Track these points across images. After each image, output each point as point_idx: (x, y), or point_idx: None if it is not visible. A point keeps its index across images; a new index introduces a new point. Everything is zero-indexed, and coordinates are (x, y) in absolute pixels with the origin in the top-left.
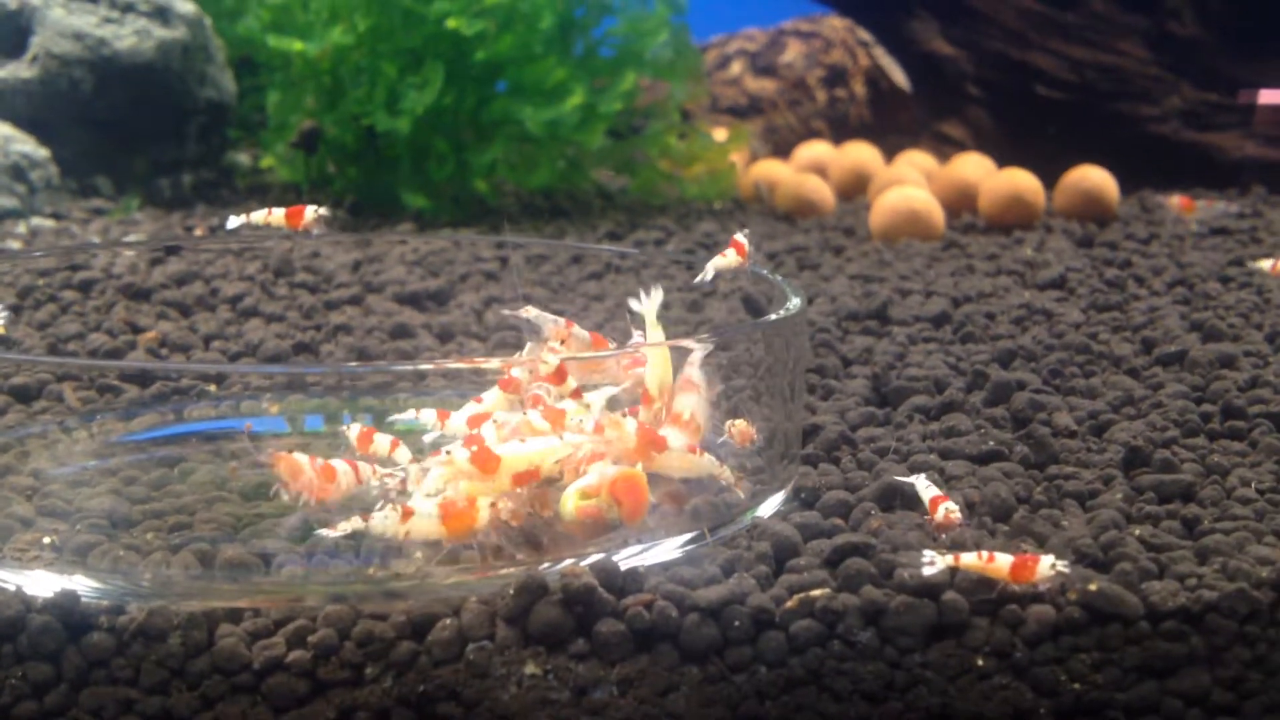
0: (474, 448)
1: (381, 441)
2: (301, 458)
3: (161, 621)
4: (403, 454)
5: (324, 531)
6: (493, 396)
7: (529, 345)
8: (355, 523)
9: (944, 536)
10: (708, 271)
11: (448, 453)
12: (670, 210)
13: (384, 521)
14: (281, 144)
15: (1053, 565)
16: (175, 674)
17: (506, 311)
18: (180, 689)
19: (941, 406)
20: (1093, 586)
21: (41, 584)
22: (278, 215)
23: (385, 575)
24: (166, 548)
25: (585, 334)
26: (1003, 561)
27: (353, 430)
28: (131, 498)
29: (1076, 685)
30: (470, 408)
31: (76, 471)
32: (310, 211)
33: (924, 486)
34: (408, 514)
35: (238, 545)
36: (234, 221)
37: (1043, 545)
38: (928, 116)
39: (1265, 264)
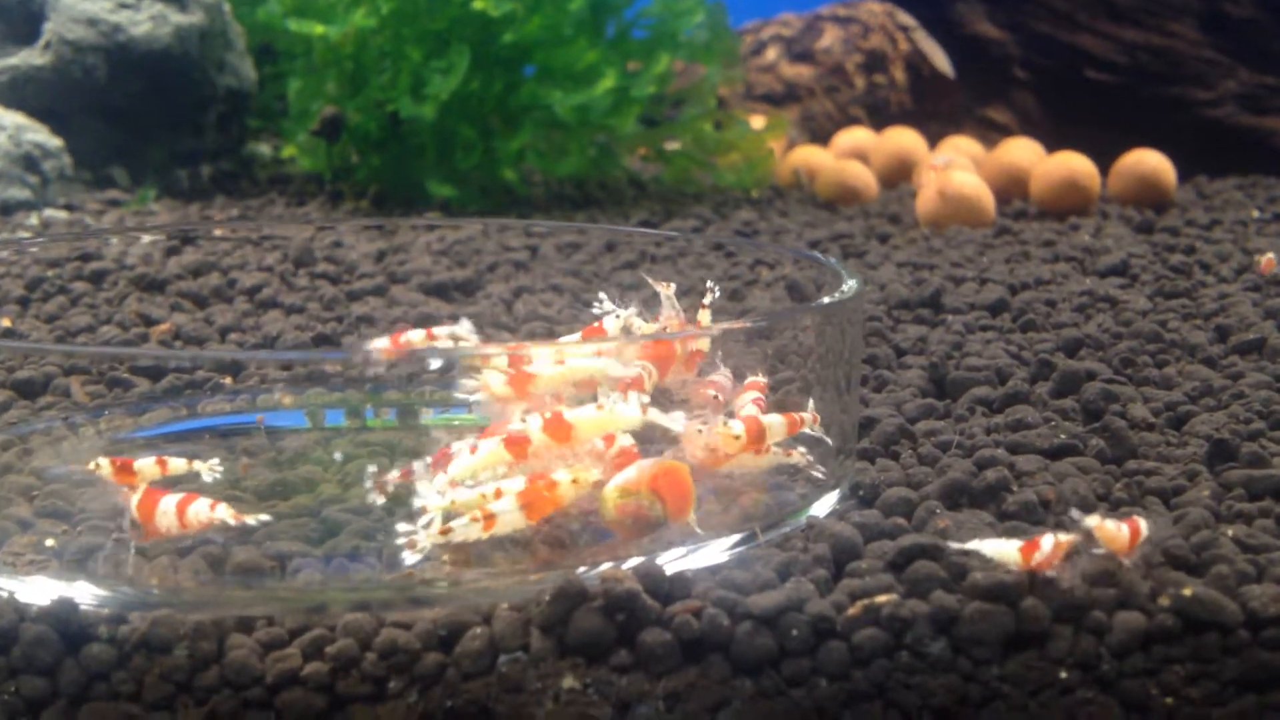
0: (546, 415)
1: None
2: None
3: (167, 631)
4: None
5: (405, 550)
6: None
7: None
8: (434, 536)
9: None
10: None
11: (522, 420)
12: (707, 199)
13: (465, 531)
14: (303, 133)
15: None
16: (182, 688)
17: (648, 277)
18: (187, 705)
19: (1005, 398)
20: (1187, 591)
21: (41, 590)
22: None
23: (410, 580)
24: (173, 551)
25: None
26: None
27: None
28: None
29: (1169, 700)
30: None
31: (80, 469)
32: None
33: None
34: (490, 522)
35: (250, 548)
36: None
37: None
38: (972, 101)
39: (1261, 259)
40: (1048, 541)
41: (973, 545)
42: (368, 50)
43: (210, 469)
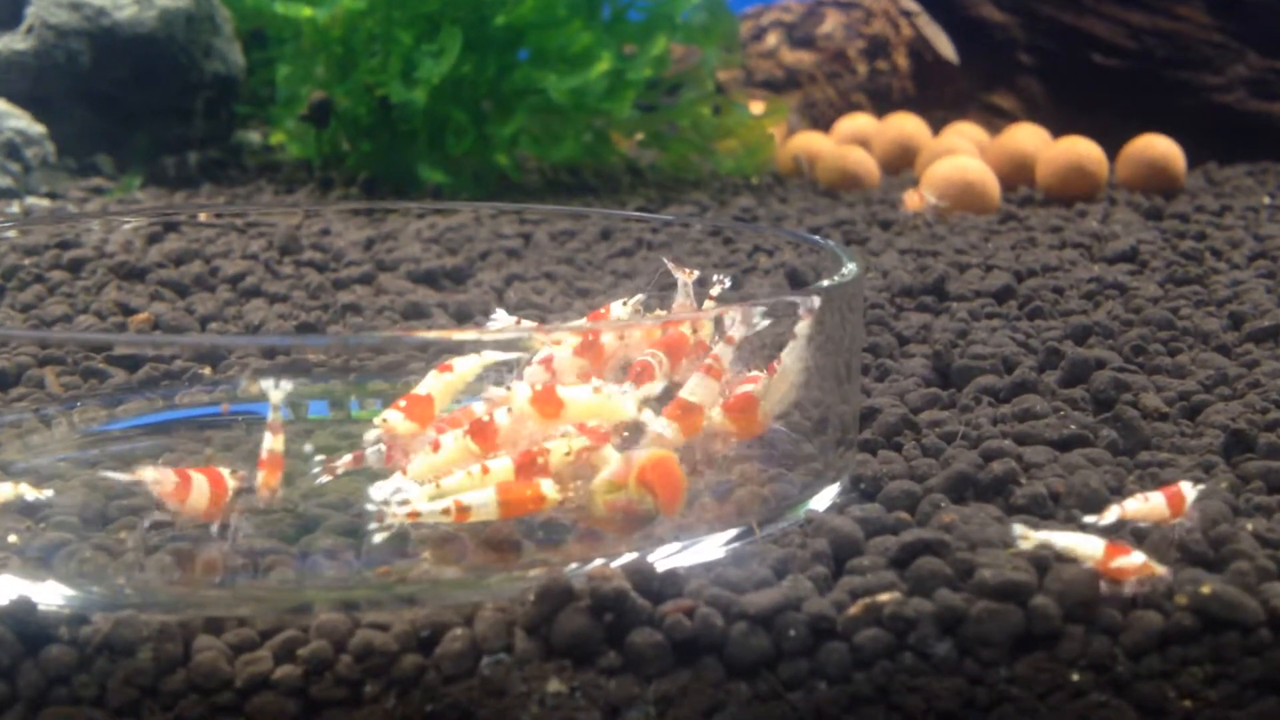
0: (537, 387)
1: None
2: None
3: (130, 633)
4: None
5: (374, 528)
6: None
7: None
8: (402, 518)
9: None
10: None
11: (508, 388)
12: (705, 185)
13: (436, 519)
14: (291, 119)
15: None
16: (146, 693)
17: (669, 264)
18: (153, 710)
19: (1012, 387)
20: (1205, 589)
21: (7, 589)
22: None
23: (389, 579)
24: (141, 548)
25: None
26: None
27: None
28: (107, 493)
29: (1187, 703)
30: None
31: (50, 463)
32: None
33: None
34: (463, 514)
35: (220, 545)
36: None
37: (1141, 542)
38: (976, 87)
39: None
40: (1139, 556)
41: (1042, 535)
42: (357, 33)
43: (37, 491)
